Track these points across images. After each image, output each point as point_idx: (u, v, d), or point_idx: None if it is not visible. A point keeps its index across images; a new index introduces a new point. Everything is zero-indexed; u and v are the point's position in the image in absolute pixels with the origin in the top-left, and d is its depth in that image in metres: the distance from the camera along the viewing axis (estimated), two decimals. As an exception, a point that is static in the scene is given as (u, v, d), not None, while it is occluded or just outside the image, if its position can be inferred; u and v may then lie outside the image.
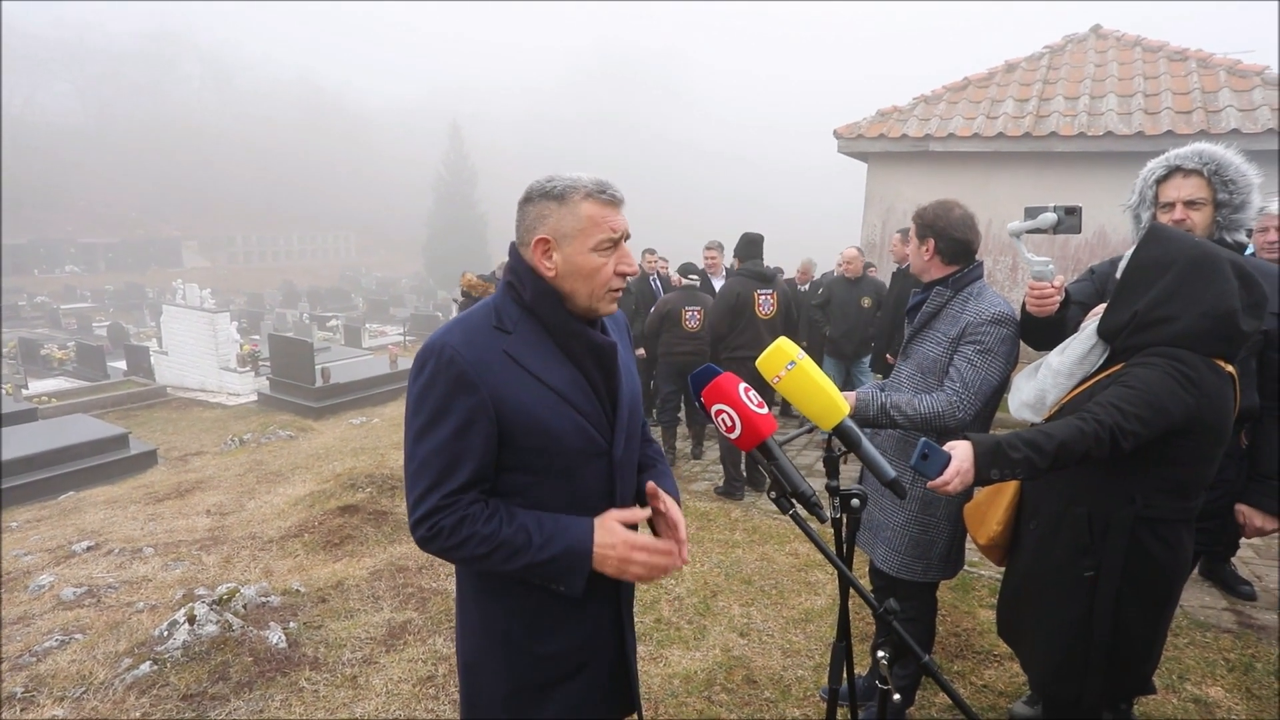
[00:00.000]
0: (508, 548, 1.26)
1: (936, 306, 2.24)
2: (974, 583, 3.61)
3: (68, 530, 5.13)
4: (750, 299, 4.95)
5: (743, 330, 4.96)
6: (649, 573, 1.35)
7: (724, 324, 4.96)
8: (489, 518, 1.27)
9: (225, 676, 2.75)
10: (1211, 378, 1.62)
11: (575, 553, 1.28)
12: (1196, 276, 1.66)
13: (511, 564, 1.27)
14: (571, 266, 1.30)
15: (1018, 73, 8.52)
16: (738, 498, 4.99)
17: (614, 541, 1.30)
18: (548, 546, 1.27)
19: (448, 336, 1.29)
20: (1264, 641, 3.04)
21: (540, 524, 1.29)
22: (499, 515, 1.29)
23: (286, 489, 5.70)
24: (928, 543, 2.26)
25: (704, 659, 2.96)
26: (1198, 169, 1.98)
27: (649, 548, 1.33)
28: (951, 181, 7.74)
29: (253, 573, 3.87)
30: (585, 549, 1.29)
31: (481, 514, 1.27)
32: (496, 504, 1.31)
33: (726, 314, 4.96)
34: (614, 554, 1.30)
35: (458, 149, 49.99)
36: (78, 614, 3.39)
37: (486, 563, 1.28)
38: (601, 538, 1.30)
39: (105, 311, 28.78)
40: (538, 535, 1.27)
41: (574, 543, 1.28)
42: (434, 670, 2.87)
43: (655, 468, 1.59)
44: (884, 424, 2.20)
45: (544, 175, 1.33)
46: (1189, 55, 7.84)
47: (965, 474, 1.52)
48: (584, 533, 1.30)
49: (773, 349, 1.35)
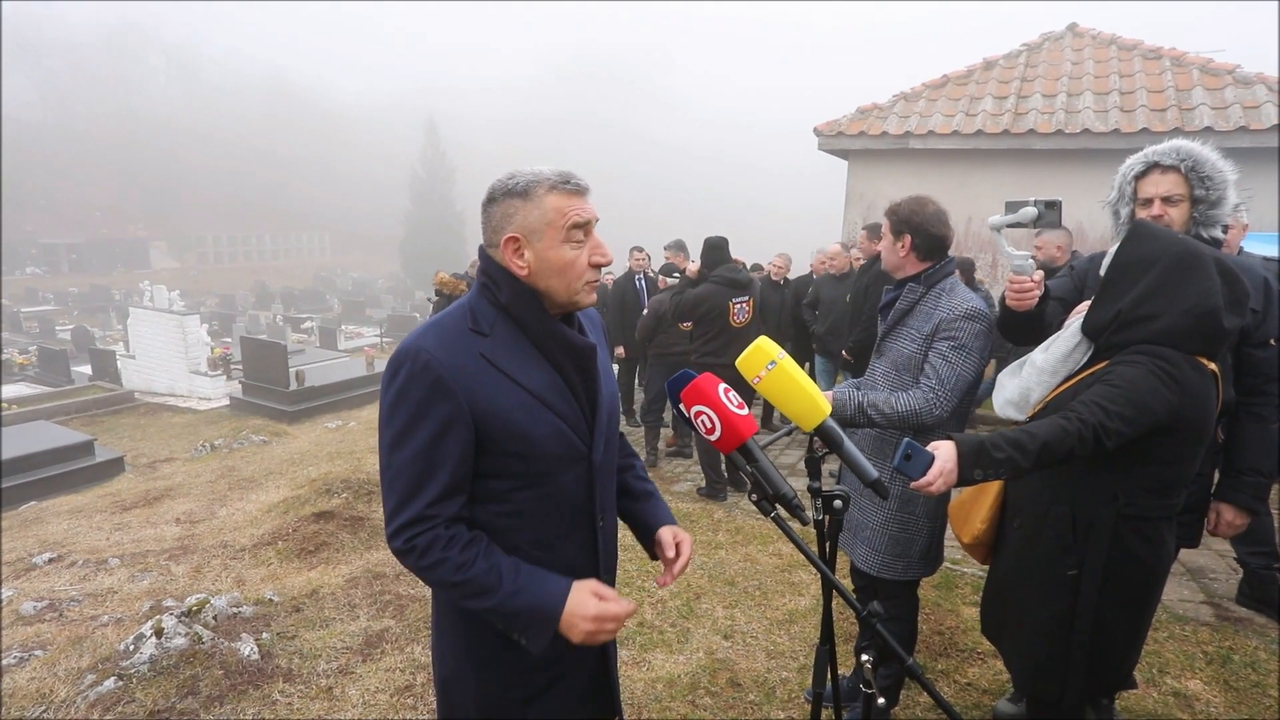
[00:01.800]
0: (476, 584, 1.21)
1: (909, 303, 2.23)
2: (957, 580, 3.62)
3: (28, 542, 4.95)
4: (724, 308, 4.75)
5: (713, 338, 4.79)
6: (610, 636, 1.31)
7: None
8: (466, 545, 1.23)
9: (195, 691, 2.66)
10: (1194, 376, 1.62)
11: (543, 611, 1.23)
12: (1180, 274, 1.66)
13: (477, 602, 1.22)
14: (544, 263, 1.26)
15: (996, 70, 8.62)
16: (720, 499, 4.96)
17: (587, 614, 1.24)
18: (516, 597, 1.22)
19: (422, 340, 1.24)
20: (1241, 634, 3.08)
21: (516, 571, 1.24)
22: (477, 547, 1.24)
23: (259, 495, 5.57)
24: (907, 540, 2.25)
25: (687, 662, 2.93)
26: (1175, 165, 1.99)
27: (619, 618, 1.28)
28: (931, 179, 7.81)
29: (224, 582, 3.76)
30: (554, 611, 1.23)
31: (460, 539, 1.23)
32: (479, 534, 1.26)
33: (685, 315, 4.79)
34: (584, 626, 1.24)
35: (435, 146, 49.34)
36: (38, 629, 3.26)
37: (454, 592, 1.24)
38: (573, 605, 1.24)
39: (69, 314, 28.06)
40: (510, 582, 1.22)
41: (543, 602, 1.23)
42: (412, 680, 2.80)
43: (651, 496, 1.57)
44: (861, 423, 2.18)
45: (504, 173, 1.29)
46: (1163, 54, 7.99)
47: (949, 474, 1.50)
48: (557, 594, 1.24)
49: (753, 348, 1.32)
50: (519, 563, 1.26)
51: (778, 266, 6.78)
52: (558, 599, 1.23)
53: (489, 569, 1.22)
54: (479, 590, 1.21)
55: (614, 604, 1.27)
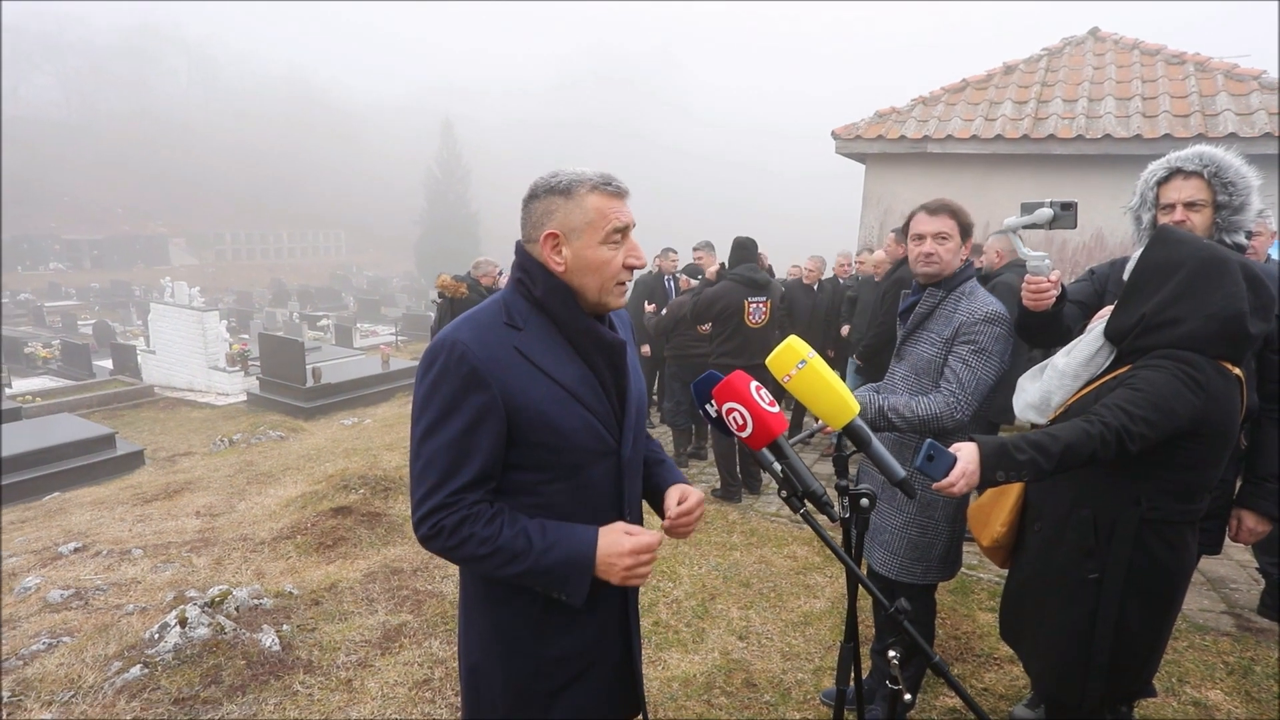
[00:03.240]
0: (507, 551, 1.24)
1: (929, 307, 2.23)
2: (973, 585, 3.60)
3: (54, 531, 5.04)
4: (740, 306, 4.72)
5: (729, 337, 4.76)
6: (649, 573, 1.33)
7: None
8: (491, 519, 1.25)
9: (218, 680, 2.70)
10: (1219, 380, 1.62)
11: (577, 561, 1.26)
12: (1205, 279, 1.65)
13: (511, 568, 1.25)
14: (581, 261, 1.28)
15: (1016, 75, 8.55)
16: (735, 500, 4.97)
17: (620, 550, 1.27)
18: (549, 553, 1.24)
19: (458, 333, 1.26)
20: (1263, 645, 3.05)
21: (543, 530, 1.27)
22: (501, 518, 1.26)
23: (278, 490, 5.63)
24: (926, 545, 2.25)
25: (703, 662, 2.94)
26: (1198, 171, 1.98)
27: (652, 547, 1.30)
28: (949, 183, 7.76)
29: (244, 575, 3.81)
30: (588, 557, 1.26)
31: (484, 514, 1.25)
32: (501, 506, 1.28)
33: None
34: (619, 563, 1.27)
35: (450, 147, 49.61)
36: (65, 616, 3.33)
37: (486, 565, 1.26)
38: (606, 547, 1.28)
39: (91, 309, 28.47)
40: (539, 541, 1.25)
41: (576, 551, 1.26)
42: (430, 673, 2.83)
43: (664, 464, 1.58)
44: (882, 427, 2.18)
45: (548, 172, 1.32)
46: (1186, 59, 7.90)
47: (971, 475, 1.50)
48: (587, 541, 1.27)
49: (783, 347, 1.33)
50: (544, 521, 1.28)
51: (810, 270, 6.53)
52: (589, 546, 1.27)
53: (515, 534, 1.24)
54: (510, 557, 1.24)
55: (646, 535, 1.31)
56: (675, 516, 1.42)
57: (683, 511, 1.42)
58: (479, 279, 6.17)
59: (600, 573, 1.27)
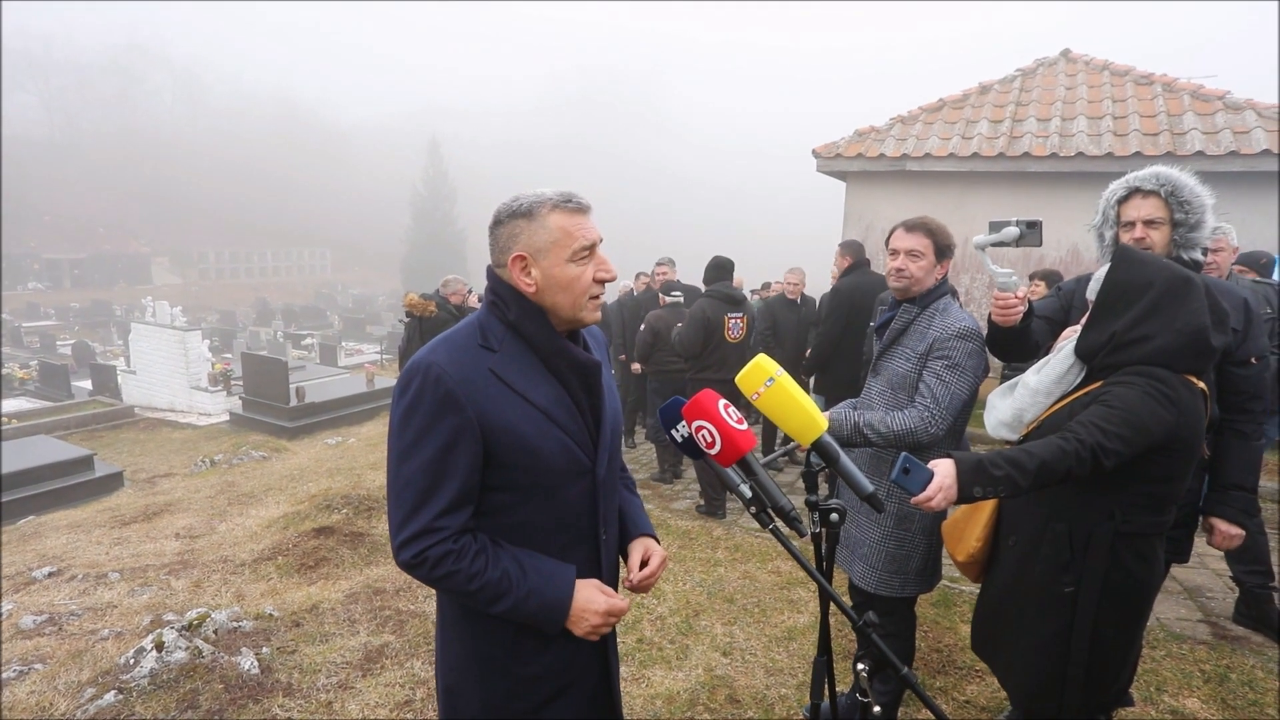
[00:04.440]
0: (489, 592, 1.28)
1: (904, 323, 2.27)
2: (955, 598, 3.63)
3: (28, 556, 4.95)
4: (720, 322, 4.91)
5: (711, 352, 4.93)
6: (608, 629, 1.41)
7: (696, 343, 4.91)
8: (476, 554, 1.28)
9: (195, 705, 2.66)
10: (1187, 395, 1.66)
11: (554, 609, 1.32)
12: (1173, 296, 1.70)
13: (491, 607, 1.29)
14: (551, 280, 1.31)
15: (991, 94, 8.76)
16: (719, 516, 4.98)
17: (595, 609, 1.34)
18: (529, 600, 1.29)
19: (434, 355, 1.28)
20: (1238, 652, 3.09)
21: (524, 573, 1.30)
22: (485, 554, 1.29)
23: (259, 511, 5.57)
24: (904, 557, 2.27)
25: (686, 679, 2.94)
26: (1155, 190, 2.07)
27: (622, 612, 1.38)
28: (928, 200, 7.91)
29: (224, 597, 3.77)
30: (563, 608, 1.32)
31: (470, 549, 1.27)
32: (484, 541, 1.30)
33: (699, 333, 4.90)
34: (590, 620, 1.34)
35: (436, 165, 49.83)
36: (38, 643, 3.27)
37: (468, 599, 1.31)
38: (582, 602, 1.33)
39: (70, 329, 28.10)
40: (519, 587, 1.29)
41: (554, 600, 1.31)
42: (411, 694, 2.81)
43: (632, 502, 1.61)
44: (858, 443, 2.21)
45: (509, 196, 1.34)
46: (1154, 79, 8.13)
47: (948, 491, 1.53)
48: (565, 590, 1.32)
49: (752, 366, 1.35)
50: (524, 562, 1.32)
51: (792, 284, 6.27)
52: (564, 597, 1.32)
53: (500, 577, 1.28)
54: (492, 598, 1.28)
55: (619, 601, 1.38)
56: (638, 581, 1.48)
57: (645, 575, 1.48)
58: (448, 297, 6.13)
59: (570, 623, 1.33)
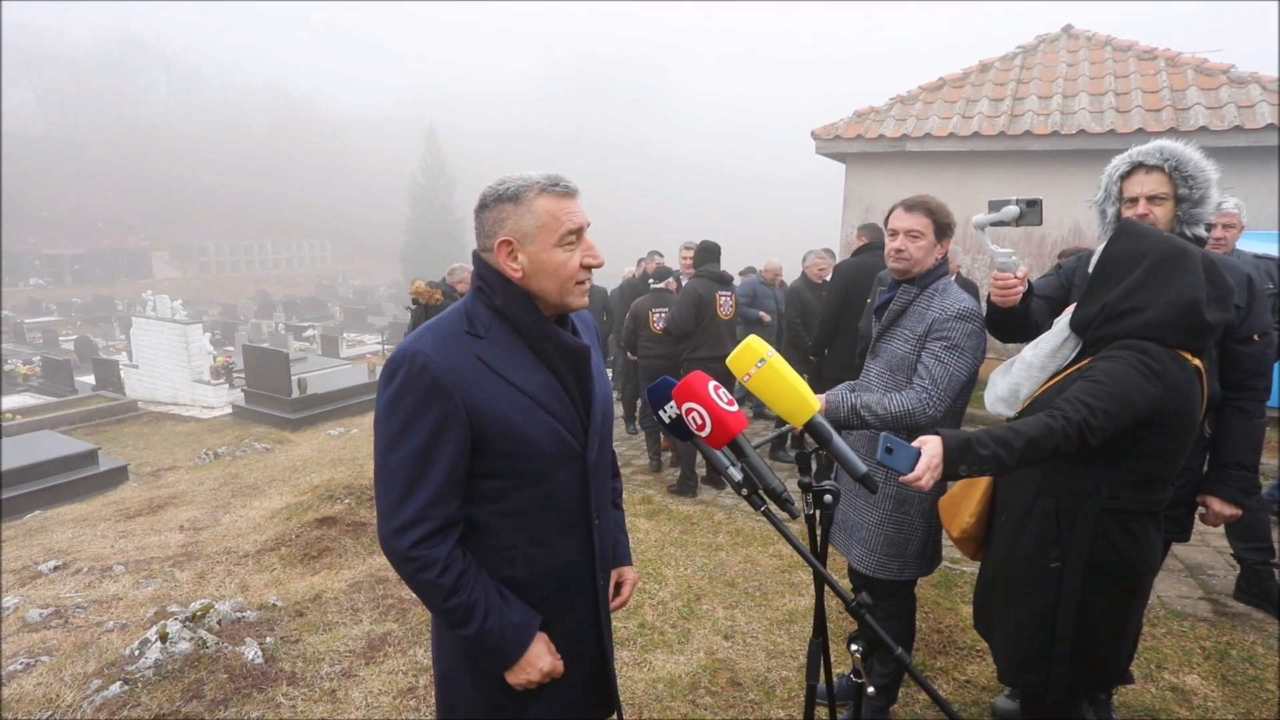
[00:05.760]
0: (455, 616, 1.28)
1: (903, 304, 2.25)
2: (956, 579, 3.63)
3: (34, 550, 4.98)
4: (712, 299, 5.05)
5: (704, 330, 5.03)
6: None
7: (690, 321, 4.99)
8: (459, 576, 1.28)
9: (199, 695, 2.68)
10: (1177, 371, 1.63)
11: (502, 658, 1.32)
12: (1166, 269, 1.68)
13: (451, 629, 1.32)
14: (537, 265, 1.29)
15: (992, 73, 8.65)
16: (691, 495, 5.09)
17: (542, 667, 1.35)
18: (485, 639, 1.30)
19: (419, 343, 1.26)
20: (1239, 629, 3.10)
21: (488, 612, 1.29)
22: (467, 580, 1.29)
23: (263, 502, 5.59)
24: (903, 540, 2.27)
25: (688, 662, 2.95)
26: (1159, 165, 2.02)
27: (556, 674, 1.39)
28: (929, 181, 7.84)
29: (228, 588, 3.79)
30: (513, 660, 1.33)
31: (456, 567, 1.27)
32: (470, 566, 1.30)
33: (691, 311, 4.98)
34: (532, 675, 1.34)
35: (435, 154, 49.53)
36: (44, 635, 3.29)
37: (435, 613, 1.33)
38: (531, 657, 1.34)
39: (72, 325, 28.13)
40: (477, 625, 1.28)
41: (506, 650, 1.32)
42: (415, 682, 2.82)
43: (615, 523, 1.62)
44: (855, 425, 2.19)
45: (495, 180, 1.32)
46: (1158, 54, 8.02)
47: (936, 470, 1.52)
48: (518, 646, 1.32)
49: (743, 347, 1.33)
50: (493, 602, 1.31)
51: (819, 267, 5.95)
52: (518, 650, 1.33)
53: (470, 607, 1.28)
54: (456, 623, 1.29)
55: (559, 663, 1.39)
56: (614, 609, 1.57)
57: (619, 603, 1.59)
58: (454, 285, 6.13)
59: (510, 671, 1.34)
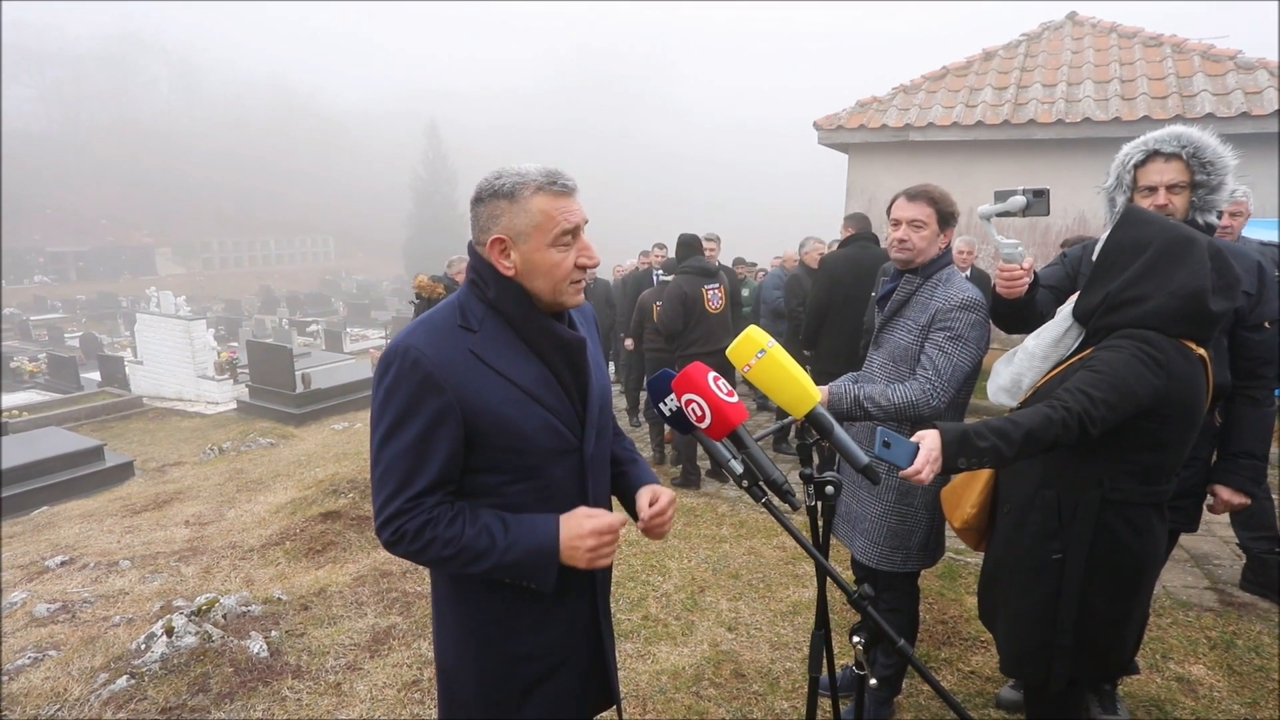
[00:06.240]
0: (471, 550, 1.24)
1: (906, 294, 2.23)
2: (960, 570, 3.62)
3: (41, 546, 5.01)
4: (699, 295, 4.95)
5: (694, 326, 4.96)
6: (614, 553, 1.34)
7: (678, 320, 4.93)
8: (452, 520, 1.25)
9: (205, 688, 2.70)
10: (1180, 360, 1.61)
11: (541, 553, 1.26)
12: (1171, 258, 1.65)
13: (477, 566, 1.25)
14: (530, 264, 1.27)
15: (995, 61, 8.58)
16: (695, 487, 5.07)
17: (581, 533, 1.28)
18: (513, 549, 1.25)
19: (411, 338, 1.25)
20: (1245, 619, 3.09)
21: (505, 525, 1.27)
22: (463, 517, 1.26)
23: (267, 497, 5.61)
24: (906, 533, 2.26)
25: (692, 654, 2.95)
26: (1177, 153, 1.96)
27: (615, 528, 1.31)
28: (932, 170, 7.79)
29: (233, 582, 3.80)
30: (551, 547, 1.27)
31: (445, 516, 1.25)
32: (461, 506, 1.28)
33: (678, 309, 4.91)
34: (583, 545, 1.27)
35: (436, 149, 49.56)
36: (51, 630, 3.31)
37: (452, 565, 1.26)
38: (568, 532, 1.28)
39: (77, 322, 28.25)
40: (502, 537, 1.25)
41: (539, 543, 1.26)
42: (419, 675, 2.83)
43: (637, 464, 1.57)
44: (859, 416, 2.17)
45: (491, 172, 1.29)
46: (1163, 40, 7.94)
47: (935, 463, 1.50)
48: (549, 531, 1.28)
49: (743, 337, 1.32)
50: (504, 516, 1.28)
51: (818, 252, 5.86)
52: (551, 537, 1.27)
53: (478, 532, 1.25)
54: (475, 555, 1.24)
55: (607, 516, 1.31)
56: (649, 518, 1.42)
57: (655, 512, 1.41)
58: (454, 277, 6.14)
59: (565, 558, 1.27)
